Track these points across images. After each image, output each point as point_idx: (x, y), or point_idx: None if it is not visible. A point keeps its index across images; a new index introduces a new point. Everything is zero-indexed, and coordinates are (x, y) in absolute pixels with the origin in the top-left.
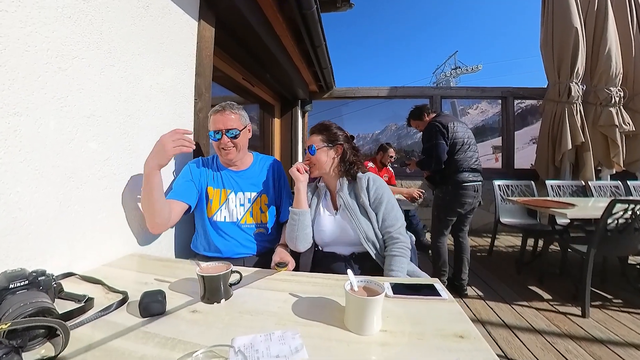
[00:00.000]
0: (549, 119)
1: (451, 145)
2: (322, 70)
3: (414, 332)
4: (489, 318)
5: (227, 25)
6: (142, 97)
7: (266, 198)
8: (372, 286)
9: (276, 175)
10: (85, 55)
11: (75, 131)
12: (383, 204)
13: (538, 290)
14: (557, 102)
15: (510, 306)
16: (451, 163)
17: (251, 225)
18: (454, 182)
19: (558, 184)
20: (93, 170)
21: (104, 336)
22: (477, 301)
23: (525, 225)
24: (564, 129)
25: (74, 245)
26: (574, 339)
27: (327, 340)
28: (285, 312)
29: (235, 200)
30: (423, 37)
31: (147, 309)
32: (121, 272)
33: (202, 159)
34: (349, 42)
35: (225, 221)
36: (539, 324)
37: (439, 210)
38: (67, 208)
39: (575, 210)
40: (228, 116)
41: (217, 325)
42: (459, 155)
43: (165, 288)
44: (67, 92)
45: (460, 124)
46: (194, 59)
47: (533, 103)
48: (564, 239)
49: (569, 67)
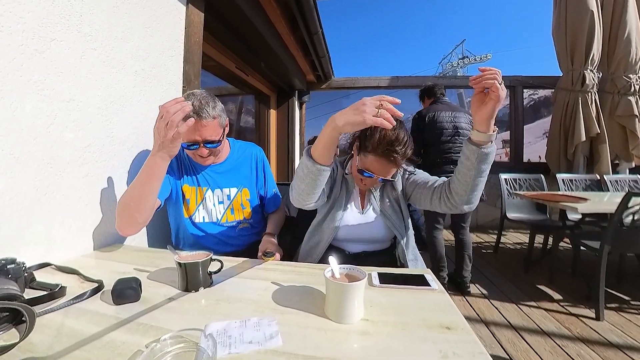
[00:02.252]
0: (561, 109)
1: (430, 135)
2: (319, 59)
3: (398, 321)
4: (493, 318)
5: (218, 10)
6: (127, 83)
7: (247, 192)
8: (354, 273)
9: (258, 164)
10: (65, 37)
11: (54, 116)
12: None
13: (547, 290)
14: (570, 91)
15: (516, 306)
16: (431, 154)
17: (233, 223)
18: (434, 173)
19: (570, 178)
20: (73, 156)
21: (74, 322)
22: (481, 300)
23: (534, 220)
24: (577, 120)
25: (51, 235)
26: (586, 342)
27: (305, 328)
28: (264, 300)
29: (213, 199)
30: (429, 25)
31: (121, 295)
32: (100, 262)
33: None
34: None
35: (204, 221)
36: (548, 325)
37: None
38: (44, 195)
39: (588, 204)
40: (205, 126)
41: (192, 312)
42: (439, 146)
43: (143, 277)
44: (44, 75)
45: (448, 112)
46: (182, 45)
47: (547, 94)
48: (575, 234)
49: (583, 53)
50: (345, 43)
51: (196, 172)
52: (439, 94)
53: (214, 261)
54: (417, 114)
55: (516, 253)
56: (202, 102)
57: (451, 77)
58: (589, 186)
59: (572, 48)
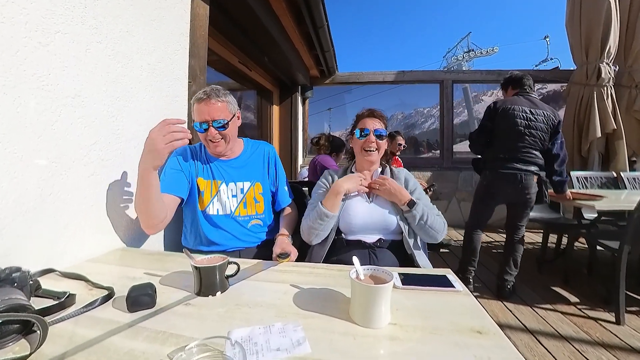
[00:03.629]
0: (574, 104)
1: (500, 128)
2: (324, 54)
3: (427, 325)
4: (508, 321)
5: (222, 3)
6: (132, 78)
7: (260, 187)
8: (379, 274)
9: (270, 161)
10: (69, 30)
11: (59, 112)
12: (421, 198)
13: (563, 292)
14: (585, 85)
15: (531, 309)
16: (493, 149)
17: (246, 218)
18: (492, 168)
19: (585, 175)
20: (78, 155)
21: (87, 331)
22: (494, 302)
23: (547, 219)
24: (592, 115)
25: (56, 239)
26: (607, 348)
27: (331, 333)
28: (285, 304)
29: (227, 192)
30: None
31: (136, 302)
32: (107, 268)
33: (189, 147)
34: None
35: (218, 214)
36: (565, 329)
37: (477, 195)
38: (49, 196)
39: (604, 202)
40: (214, 105)
41: (212, 318)
42: (506, 142)
43: (155, 282)
44: (48, 69)
45: (525, 107)
46: (187, 39)
47: (556, 89)
48: (592, 234)
49: (599, 45)
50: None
51: (211, 166)
52: (526, 86)
53: (231, 264)
54: (493, 103)
55: (528, 253)
56: (213, 89)
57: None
58: (604, 184)
59: (587, 40)
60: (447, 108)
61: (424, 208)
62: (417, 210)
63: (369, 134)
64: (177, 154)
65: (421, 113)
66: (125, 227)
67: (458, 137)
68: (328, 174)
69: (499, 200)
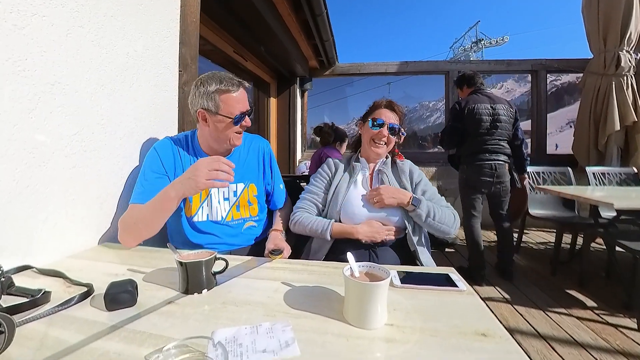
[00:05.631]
0: (590, 95)
1: (469, 126)
2: (323, 43)
3: (426, 327)
4: (519, 326)
5: None
6: (118, 66)
7: (255, 189)
8: (375, 272)
9: (265, 159)
10: (47, 12)
11: (37, 100)
12: (427, 189)
13: (579, 295)
14: (602, 75)
15: (544, 313)
16: (467, 145)
17: (239, 221)
18: (468, 162)
19: (602, 171)
20: (59, 145)
21: (61, 332)
22: (504, 305)
23: (561, 218)
24: (611, 107)
25: (33, 234)
26: (629, 357)
27: (323, 334)
28: (275, 303)
29: (218, 195)
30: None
31: (114, 300)
32: (88, 264)
33: (172, 139)
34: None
35: (207, 220)
36: (581, 336)
37: (460, 189)
38: (25, 189)
39: (625, 200)
40: (245, 93)
41: (195, 317)
42: (477, 138)
43: (138, 279)
44: (25, 54)
45: (487, 105)
46: (177, 25)
47: (570, 80)
48: (610, 234)
49: (619, 32)
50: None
51: None
52: (479, 84)
53: (219, 260)
54: (457, 104)
55: (540, 253)
56: (230, 77)
57: (464, 62)
58: (624, 180)
59: (606, 27)
60: (453, 100)
61: (430, 204)
62: (422, 209)
63: (383, 126)
64: (159, 149)
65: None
66: (109, 222)
67: None
68: (332, 164)
69: (479, 190)
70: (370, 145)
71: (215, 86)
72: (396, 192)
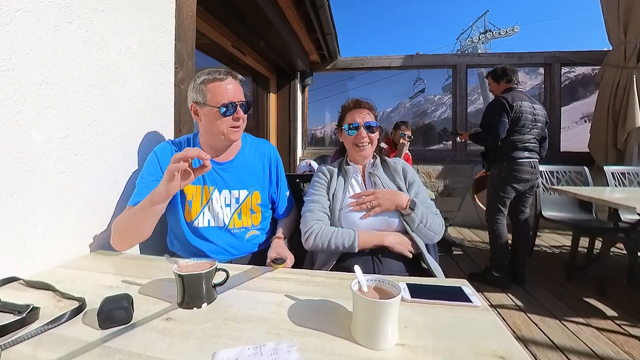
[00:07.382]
0: (609, 89)
1: (512, 124)
2: (324, 37)
3: (440, 347)
4: (533, 336)
5: None
6: (110, 64)
7: (259, 196)
8: (385, 287)
9: (272, 166)
10: (33, 8)
11: (23, 101)
12: (420, 192)
13: (597, 304)
14: (622, 68)
15: (560, 322)
16: (507, 142)
17: (242, 229)
18: (508, 159)
19: (622, 171)
20: (47, 149)
21: (49, 355)
22: (517, 313)
23: (577, 221)
24: (631, 102)
25: (20, 242)
26: None
27: (330, 355)
28: (279, 319)
29: (220, 200)
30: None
31: (108, 318)
32: (80, 274)
33: (173, 142)
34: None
35: (209, 226)
36: (602, 348)
37: (494, 186)
38: (11, 196)
39: None
40: (238, 85)
41: (195, 336)
42: (516, 136)
43: (134, 292)
44: (9, 52)
45: (529, 103)
46: (172, 19)
47: (585, 72)
48: (632, 239)
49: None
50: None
51: None
52: (515, 81)
53: (219, 271)
54: (504, 99)
55: (554, 258)
56: (227, 69)
57: (472, 55)
58: None
59: (626, 16)
60: (461, 95)
61: (423, 209)
62: (417, 213)
63: (359, 129)
64: (158, 152)
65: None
66: (102, 228)
67: (473, 126)
68: (327, 170)
69: (514, 188)
70: (355, 150)
71: (203, 77)
72: (393, 195)
